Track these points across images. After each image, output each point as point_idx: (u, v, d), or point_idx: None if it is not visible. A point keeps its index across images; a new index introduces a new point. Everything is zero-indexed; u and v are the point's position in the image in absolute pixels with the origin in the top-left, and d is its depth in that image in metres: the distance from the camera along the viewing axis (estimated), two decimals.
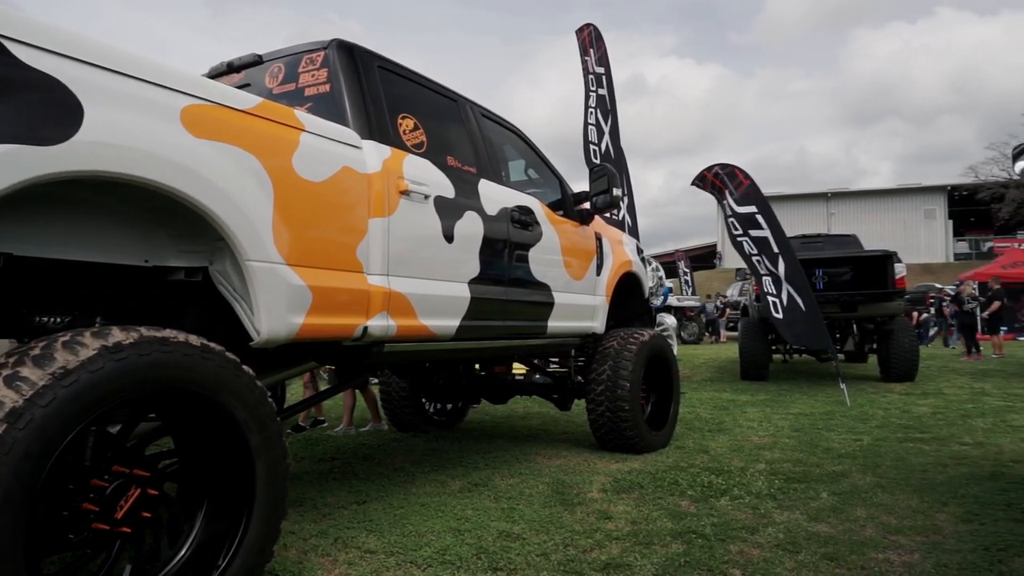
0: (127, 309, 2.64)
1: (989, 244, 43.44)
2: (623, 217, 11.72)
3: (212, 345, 2.13)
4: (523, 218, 4.07)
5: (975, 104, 73.94)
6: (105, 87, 2.03)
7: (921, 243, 43.94)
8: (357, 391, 6.35)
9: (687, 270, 30.12)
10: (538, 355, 5.15)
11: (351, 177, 2.92)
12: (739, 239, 8.78)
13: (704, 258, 50.07)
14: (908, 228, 44.36)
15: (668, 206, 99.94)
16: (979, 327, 14.10)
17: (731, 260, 45.41)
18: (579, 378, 5.26)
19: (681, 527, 3.27)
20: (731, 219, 8.82)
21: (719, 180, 8.92)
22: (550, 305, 4.37)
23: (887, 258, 9.12)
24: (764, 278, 8.70)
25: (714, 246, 49.90)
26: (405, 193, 3.16)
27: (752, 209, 8.55)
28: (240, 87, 3.39)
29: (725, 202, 8.81)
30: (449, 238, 3.44)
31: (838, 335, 10.16)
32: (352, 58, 3.27)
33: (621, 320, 5.74)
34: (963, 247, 44.73)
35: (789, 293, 8.40)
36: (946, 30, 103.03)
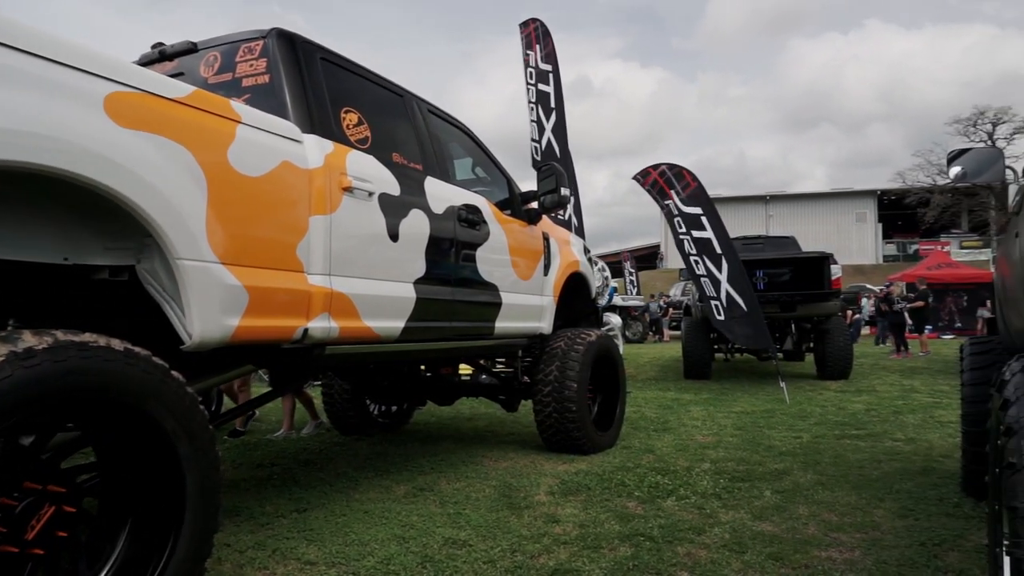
0: (48, 312, 2.45)
1: (915, 247, 45.52)
2: (569, 217, 11.73)
3: (137, 350, 1.98)
4: (470, 217, 3.99)
5: (901, 113, 77.37)
6: (13, 68, 1.87)
7: (853, 245, 45.67)
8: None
9: (632, 270, 30.56)
10: (485, 356, 5.08)
11: (291, 172, 2.79)
12: (681, 237, 8.90)
13: (648, 258, 50.91)
14: (841, 230, 46.04)
15: (613, 206, 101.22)
16: (907, 326, 14.68)
17: (674, 260, 46.27)
18: (526, 379, 5.22)
19: (629, 529, 3.25)
20: (677, 218, 8.93)
21: (664, 179, 9.02)
22: (498, 305, 4.31)
23: (824, 260, 9.40)
24: (702, 279, 8.84)
25: (657, 246, 50.80)
26: (348, 190, 3.05)
27: (698, 210, 8.68)
28: (173, 76, 3.21)
29: (670, 202, 8.91)
30: (394, 237, 3.34)
31: (777, 334, 10.42)
32: (293, 48, 3.14)
33: (568, 320, 5.72)
34: (891, 249, 46.72)
35: (729, 294, 8.57)
36: (875, 42, 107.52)
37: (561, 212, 8.41)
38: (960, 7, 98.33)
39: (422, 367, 5.40)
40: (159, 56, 3.41)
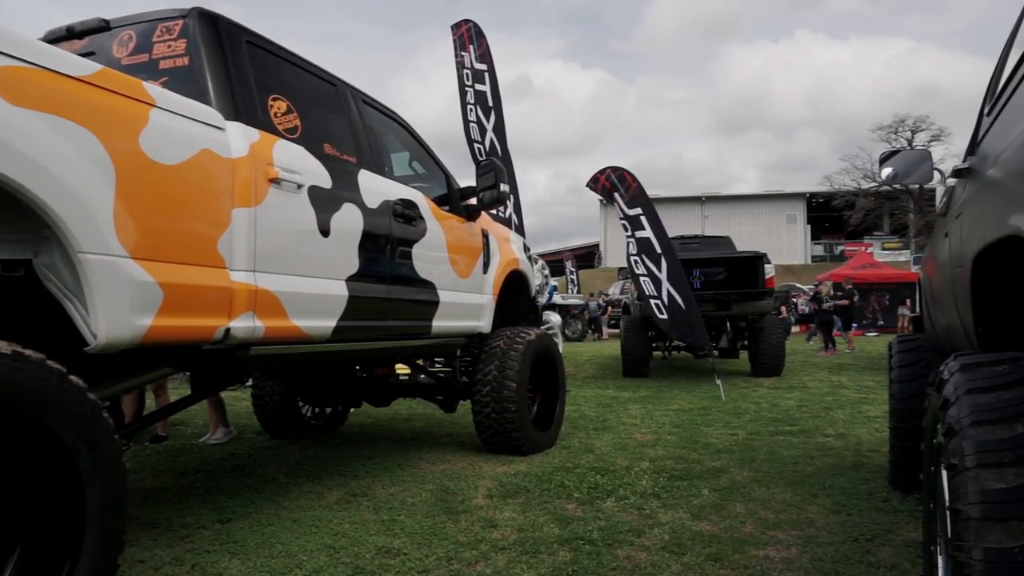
0: None
1: (841, 247, 47.47)
2: (510, 215, 11.67)
3: (28, 353, 1.79)
4: (407, 212, 3.86)
5: (827, 119, 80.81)
6: None
7: (783, 245, 47.24)
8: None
9: (573, 269, 30.77)
10: (422, 356, 4.95)
11: (212, 161, 2.60)
12: (628, 239, 8.98)
13: (587, 257, 51.46)
14: (772, 231, 47.57)
15: (553, 206, 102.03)
16: (835, 324, 15.23)
17: (613, 259, 46.96)
18: (464, 379, 5.11)
19: (568, 533, 3.19)
20: (623, 221, 8.99)
21: (610, 182, 9.06)
22: (435, 304, 4.19)
23: (758, 259, 9.61)
24: (642, 279, 8.92)
25: (597, 245, 51.42)
26: (275, 181, 2.88)
27: (638, 211, 8.75)
28: (83, 55, 2.97)
29: (616, 204, 8.96)
30: (325, 232, 3.18)
31: (712, 333, 10.61)
32: (216, 30, 2.94)
33: (508, 319, 5.64)
34: (819, 250, 48.58)
35: (670, 293, 8.66)
36: (803, 51, 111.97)
37: (502, 210, 8.34)
38: (884, 20, 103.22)
39: (356, 367, 5.22)
40: (67, 34, 3.15)
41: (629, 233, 9.01)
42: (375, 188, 3.61)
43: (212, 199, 2.59)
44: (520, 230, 12.38)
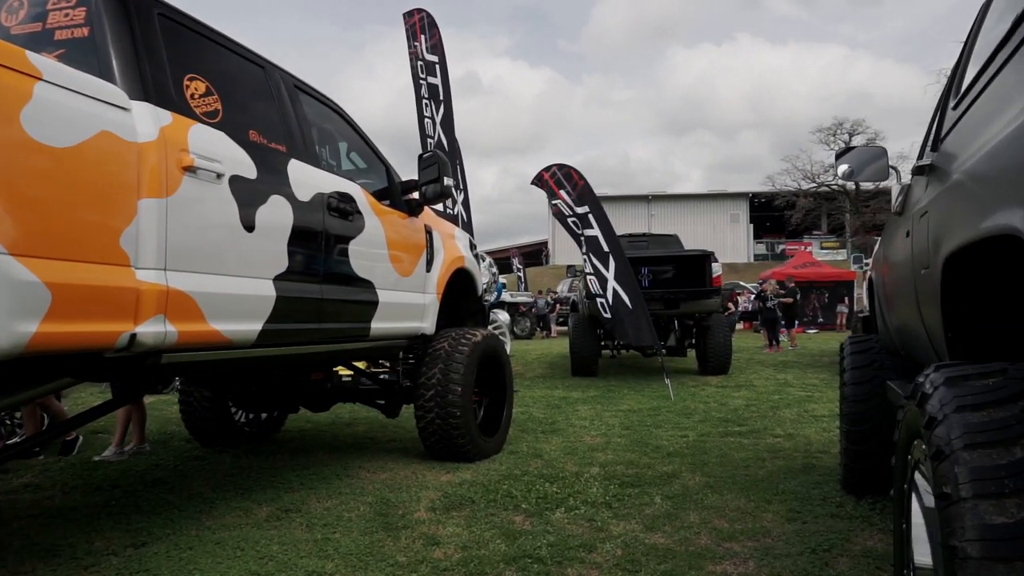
0: None
1: (782, 246, 48.76)
2: (458, 212, 11.42)
3: None
4: (342, 206, 3.59)
5: (767, 121, 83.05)
6: None
7: (727, 244, 48.21)
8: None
9: (520, 267, 30.68)
10: (361, 359, 4.67)
11: (113, 145, 2.30)
12: (579, 237, 8.85)
13: (535, 255, 51.55)
14: (717, 230, 48.48)
15: (501, 203, 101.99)
16: (780, 322, 15.47)
17: (561, 256, 47.13)
18: (407, 382, 4.86)
19: (516, 550, 2.99)
20: (571, 219, 8.84)
21: (554, 180, 8.91)
22: (374, 304, 3.93)
23: (706, 258, 9.61)
24: (589, 277, 8.81)
25: (545, 243, 51.51)
26: (190, 169, 2.58)
27: (585, 209, 8.62)
28: None
29: (562, 203, 8.82)
30: (249, 226, 2.89)
31: (661, 331, 10.59)
32: None
33: (453, 319, 5.42)
34: (761, 248, 49.77)
35: (616, 292, 8.55)
36: (745, 54, 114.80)
37: (449, 206, 8.09)
38: (821, 27, 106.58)
39: (289, 373, 4.91)
40: None
41: (579, 231, 8.89)
42: (307, 180, 3.34)
43: (113, 188, 2.29)
44: (468, 228, 12.14)
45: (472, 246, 5.75)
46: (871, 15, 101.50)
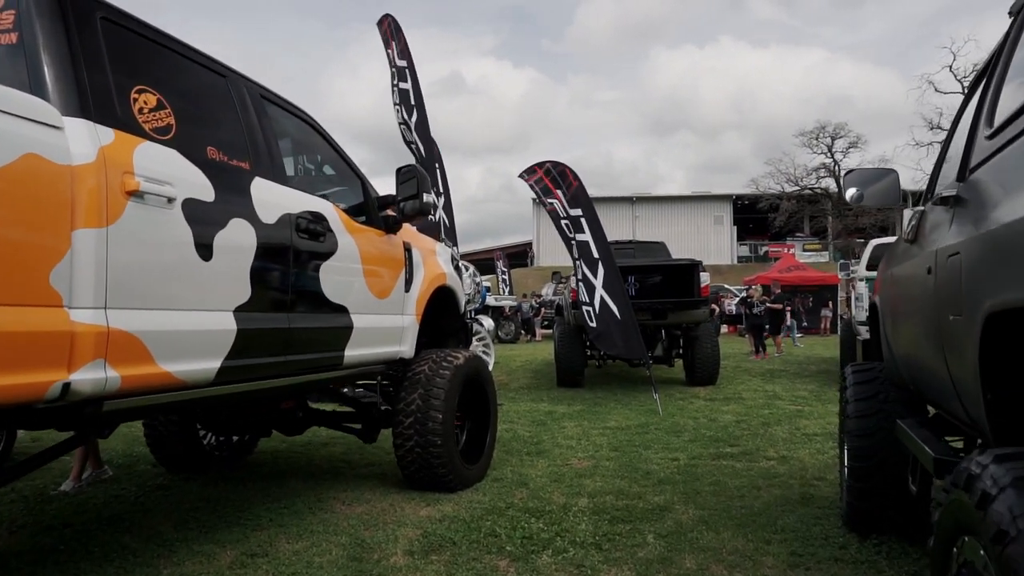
0: None
1: (765, 248, 48.96)
2: (440, 218, 11.14)
3: None
4: (312, 226, 3.32)
5: (749, 123, 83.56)
6: None
7: (711, 246, 48.32)
8: None
9: (505, 269, 30.42)
10: (333, 388, 4.40)
11: (41, 169, 2.03)
12: (571, 242, 8.60)
13: (520, 256, 51.32)
14: (700, 232, 48.59)
15: (486, 203, 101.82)
16: (766, 328, 15.34)
17: (546, 257, 46.98)
18: (386, 406, 4.60)
19: None
20: (564, 221, 8.59)
21: (549, 178, 8.65)
22: (348, 330, 3.66)
23: (694, 267, 9.42)
24: (579, 284, 8.58)
25: (530, 244, 51.32)
26: (136, 194, 2.31)
27: (578, 212, 8.38)
28: None
29: (555, 202, 8.55)
30: (206, 254, 2.62)
31: (647, 340, 10.39)
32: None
33: (434, 337, 5.16)
34: (744, 250, 49.94)
35: (603, 300, 8.33)
36: (727, 56, 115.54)
37: (431, 214, 7.81)
38: (803, 30, 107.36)
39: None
40: None
41: (572, 236, 8.64)
42: (272, 199, 3.07)
43: (41, 219, 2.01)
44: (452, 232, 11.87)
45: (453, 259, 5.50)
46: (852, 18, 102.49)
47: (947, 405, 2.30)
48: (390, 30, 7.75)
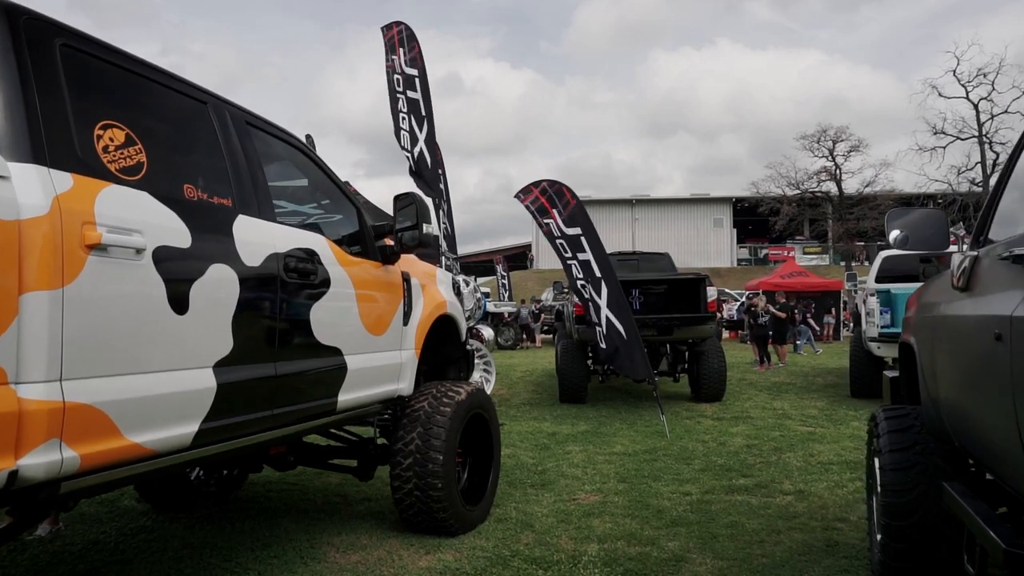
0: None
1: (765, 251, 48.75)
2: (442, 224, 10.86)
3: None
4: (302, 265, 3.05)
5: (747, 124, 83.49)
6: None
7: (711, 248, 48.15)
8: None
9: (505, 273, 30.17)
10: (324, 432, 4.13)
11: None
12: (569, 263, 8.32)
13: (519, 258, 51.11)
14: (700, 234, 48.40)
15: (483, 204, 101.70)
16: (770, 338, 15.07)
17: (545, 261, 46.72)
18: (383, 440, 4.34)
19: None
20: (560, 241, 8.32)
21: (546, 197, 8.39)
22: (342, 372, 3.40)
23: (700, 282, 9.17)
24: (588, 304, 8.32)
25: (528, 246, 51.07)
26: (98, 247, 2.04)
27: (577, 231, 8.12)
28: None
29: (551, 222, 8.29)
30: (181, 307, 2.35)
31: (652, 355, 10.13)
32: (7, 25, 2.07)
33: (434, 367, 4.90)
34: (744, 253, 49.73)
35: (609, 320, 8.08)
36: (724, 59, 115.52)
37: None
38: (801, 32, 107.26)
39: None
40: None
41: (570, 255, 8.36)
42: (258, 239, 2.80)
43: None
44: (451, 238, 11.60)
45: (455, 283, 5.24)
46: (848, 21, 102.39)
47: (1016, 482, 2.04)
48: (399, 37, 7.48)
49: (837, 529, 4.31)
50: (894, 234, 2.57)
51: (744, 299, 23.99)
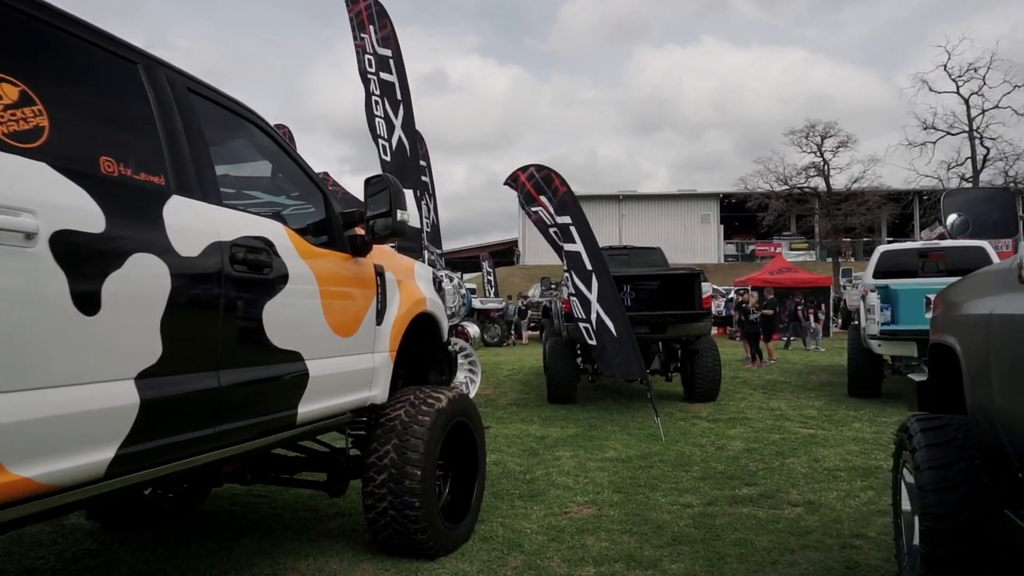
0: None
1: (752, 247, 48.64)
2: (432, 220, 10.38)
3: None
4: (253, 256, 2.61)
5: (732, 121, 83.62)
6: None
7: (698, 244, 47.96)
8: None
9: (491, 270, 29.74)
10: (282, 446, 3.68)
11: None
12: (561, 251, 7.92)
13: (505, 254, 50.68)
14: (687, 230, 48.20)
15: (470, 200, 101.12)
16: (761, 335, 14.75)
17: (532, 257, 46.29)
18: (356, 451, 3.91)
19: None
20: (553, 230, 7.90)
21: (532, 183, 7.96)
22: (302, 380, 2.96)
23: (695, 277, 8.79)
24: (572, 299, 7.91)
25: (515, 242, 50.64)
26: None
27: (567, 220, 7.70)
28: None
29: (543, 210, 7.86)
30: (90, 306, 1.91)
31: (644, 354, 9.75)
32: None
33: (413, 369, 4.47)
34: (731, 249, 49.61)
35: (599, 316, 7.67)
36: (709, 56, 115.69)
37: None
38: (787, 30, 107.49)
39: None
40: None
41: (561, 243, 7.96)
42: (196, 224, 2.36)
43: None
44: (436, 234, 11.12)
45: (436, 278, 4.81)
46: (832, 20, 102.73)
47: None
48: (368, 13, 6.95)
49: (856, 547, 3.94)
50: (951, 218, 2.18)
51: (732, 295, 23.74)
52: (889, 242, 19.85)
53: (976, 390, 2.67)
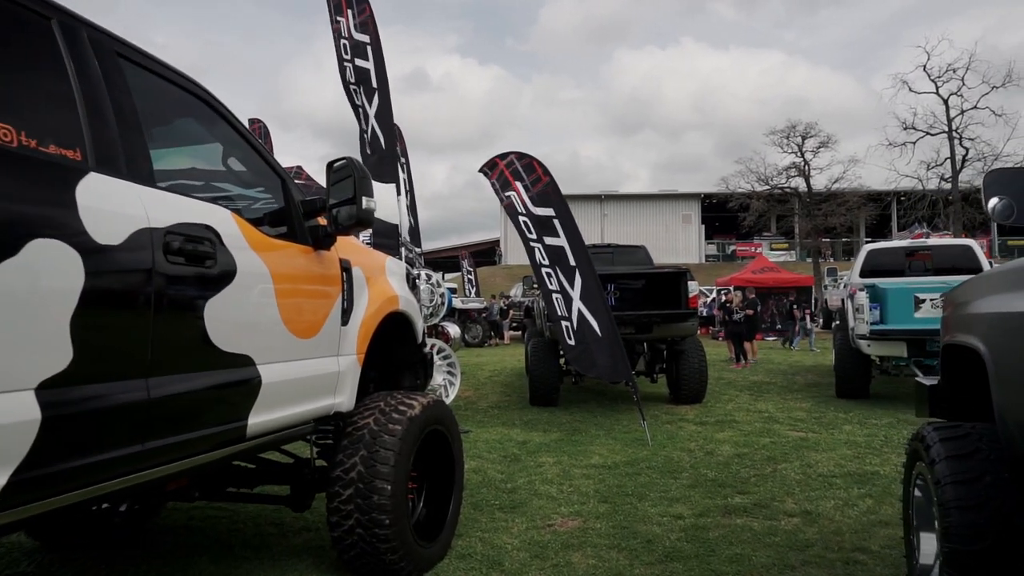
0: None
1: (732, 247, 48.73)
2: (409, 221, 10.02)
3: None
4: (192, 247, 2.27)
5: (711, 122, 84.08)
6: None
7: (679, 244, 47.94)
8: None
9: (471, 269, 29.40)
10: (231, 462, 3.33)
11: None
12: (532, 244, 7.55)
13: (487, 253, 50.32)
14: (669, 230, 48.16)
15: (451, 199, 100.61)
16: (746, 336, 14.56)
17: (513, 256, 45.95)
18: (322, 461, 3.58)
19: None
20: (524, 218, 7.55)
21: (511, 171, 7.62)
22: (254, 387, 2.62)
23: (681, 276, 8.52)
24: (554, 295, 7.58)
25: (497, 241, 50.30)
26: None
27: (550, 212, 7.37)
28: None
29: (516, 196, 7.52)
30: None
31: (628, 354, 9.48)
32: None
33: (385, 373, 4.14)
34: (712, 249, 49.68)
35: (581, 314, 7.37)
36: (688, 58, 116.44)
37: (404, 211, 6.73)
38: (765, 32, 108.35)
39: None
40: None
41: (535, 237, 7.58)
42: (119, 207, 2.01)
43: None
44: (415, 233, 10.76)
45: (409, 275, 4.48)
46: (809, 23, 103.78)
47: None
48: None
49: (860, 562, 3.67)
50: (993, 202, 1.90)
51: (716, 294, 23.62)
52: (868, 242, 19.80)
53: (1008, 398, 2.40)
